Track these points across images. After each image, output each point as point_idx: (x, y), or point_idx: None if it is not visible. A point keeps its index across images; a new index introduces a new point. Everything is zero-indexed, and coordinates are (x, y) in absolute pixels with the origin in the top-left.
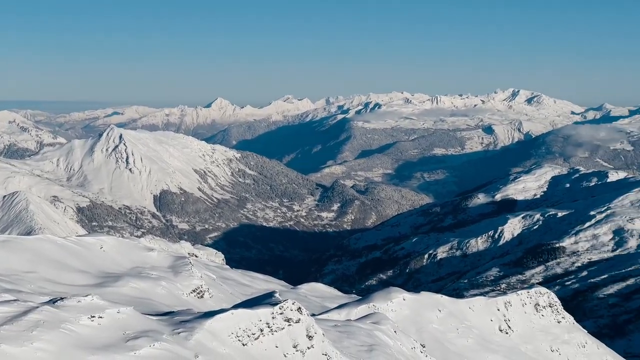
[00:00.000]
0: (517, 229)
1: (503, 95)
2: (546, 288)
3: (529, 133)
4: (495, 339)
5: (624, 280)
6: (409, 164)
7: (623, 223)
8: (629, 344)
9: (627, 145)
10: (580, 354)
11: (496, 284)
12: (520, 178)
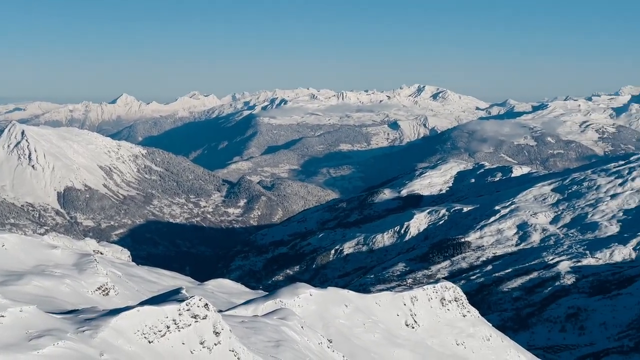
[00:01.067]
0: (423, 224)
1: (409, 91)
2: (452, 282)
3: (435, 128)
4: (401, 333)
5: (528, 274)
6: (315, 160)
7: (527, 218)
8: (532, 337)
9: (530, 140)
10: (484, 347)
11: (402, 279)
12: (426, 173)
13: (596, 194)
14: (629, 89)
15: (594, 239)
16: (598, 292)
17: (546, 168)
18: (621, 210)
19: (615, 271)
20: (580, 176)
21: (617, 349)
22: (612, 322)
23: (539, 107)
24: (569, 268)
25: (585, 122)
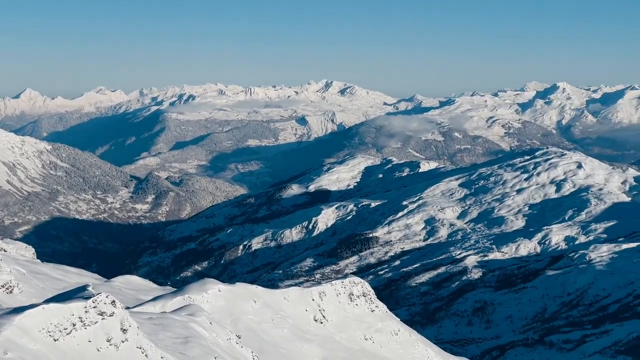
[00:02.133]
0: (331, 220)
1: (316, 87)
2: (360, 278)
3: (342, 124)
4: (310, 328)
5: (435, 268)
6: (223, 156)
7: (434, 213)
8: (440, 331)
9: (437, 135)
10: (392, 341)
11: (311, 274)
12: (334, 169)
13: (502, 189)
14: (534, 84)
15: (501, 234)
16: (504, 286)
17: (453, 163)
18: (527, 204)
19: (521, 265)
20: (487, 171)
21: (522, 341)
22: (518, 315)
23: (446, 102)
24: (476, 262)
25: (491, 118)
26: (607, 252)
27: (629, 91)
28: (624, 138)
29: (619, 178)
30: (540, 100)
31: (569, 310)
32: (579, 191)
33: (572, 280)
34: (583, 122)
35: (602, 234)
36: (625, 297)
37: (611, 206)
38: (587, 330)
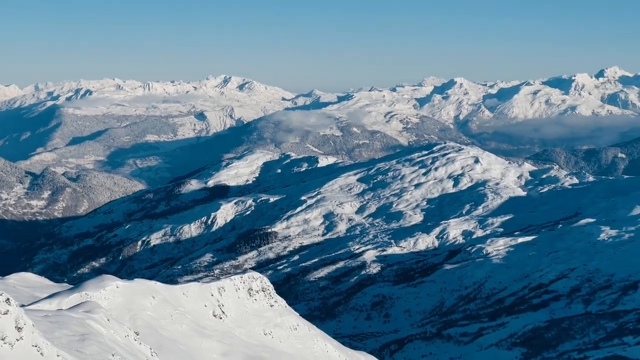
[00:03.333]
0: (230, 215)
1: (215, 82)
2: (259, 273)
3: (241, 119)
4: (209, 324)
5: (334, 263)
6: (121, 151)
7: (333, 207)
8: (339, 325)
9: (336, 130)
10: (292, 336)
11: (210, 269)
12: (233, 164)
13: (401, 184)
14: (431, 79)
15: (399, 228)
16: (402, 280)
17: (352, 158)
18: (425, 199)
19: (419, 259)
20: (385, 166)
21: (420, 335)
22: (416, 309)
23: (344, 97)
24: (375, 257)
25: (390, 113)
26: (504, 245)
27: (524, 87)
28: (520, 133)
29: (515, 172)
30: (438, 96)
31: (467, 303)
32: (476, 186)
33: (469, 274)
34: (480, 117)
35: (499, 228)
36: (521, 290)
37: (507, 200)
38: (484, 323)
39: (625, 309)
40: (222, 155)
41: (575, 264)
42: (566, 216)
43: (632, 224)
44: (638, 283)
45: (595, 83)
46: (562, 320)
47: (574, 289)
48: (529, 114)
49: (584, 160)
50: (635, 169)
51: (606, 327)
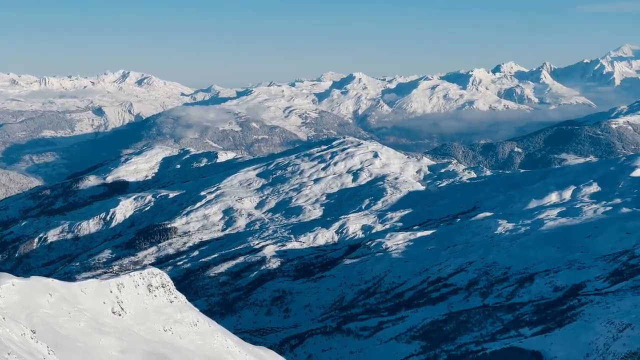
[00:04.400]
0: (129, 211)
1: (113, 77)
2: (159, 269)
3: (140, 115)
4: (107, 321)
5: (234, 258)
6: (17, 147)
7: (232, 203)
8: (239, 321)
9: (235, 126)
10: (192, 332)
11: (109, 266)
12: (132, 160)
13: (300, 179)
14: (330, 75)
15: (299, 223)
16: (302, 275)
17: (251, 153)
18: (324, 194)
19: (319, 254)
20: (285, 161)
21: (320, 329)
22: (316, 304)
23: (243, 92)
24: (274, 252)
25: (289, 108)
26: (403, 240)
27: (423, 81)
28: (418, 127)
29: (413, 167)
30: (337, 90)
31: (366, 298)
32: (375, 180)
33: (369, 268)
34: (379, 112)
35: (398, 223)
36: (420, 284)
37: (406, 195)
38: (384, 317)
39: (522, 301)
40: (121, 151)
41: (473, 257)
42: (464, 210)
43: (528, 217)
44: (534, 275)
45: (492, 78)
46: (460, 313)
47: (472, 282)
48: (428, 108)
49: (482, 154)
50: (531, 163)
51: (503, 319)
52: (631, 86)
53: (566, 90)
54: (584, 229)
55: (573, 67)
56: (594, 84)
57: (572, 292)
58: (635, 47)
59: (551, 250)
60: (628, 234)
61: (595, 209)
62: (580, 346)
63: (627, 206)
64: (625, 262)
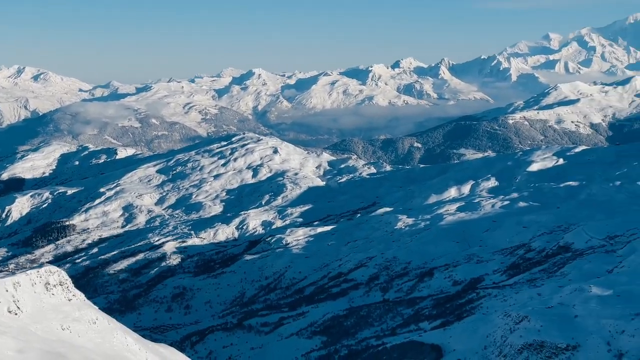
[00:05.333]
0: (25, 208)
1: (8, 72)
2: (57, 266)
3: (36, 110)
4: (3, 320)
5: (134, 255)
6: None
7: (132, 199)
8: (139, 318)
9: (135, 122)
10: (91, 330)
11: (4, 264)
12: (28, 156)
13: (200, 175)
14: (230, 70)
15: (199, 219)
16: (203, 272)
17: (151, 150)
18: (224, 190)
19: (220, 250)
20: (185, 157)
21: (221, 326)
22: (217, 300)
23: (142, 89)
24: (175, 248)
25: (188, 104)
26: (303, 235)
27: (322, 77)
28: (318, 123)
29: (313, 162)
30: (237, 86)
31: (267, 293)
32: (275, 176)
33: (269, 264)
34: (278, 108)
35: (298, 218)
36: (321, 279)
37: (306, 190)
38: (285, 312)
39: (422, 295)
40: (17, 148)
41: (374, 252)
42: (364, 205)
43: (427, 212)
44: (433, 270)
45: (392, 74)
46: (361, 308)
47: (372, 277)
48: (327, 104)
49: (382, 149)
50: (430, 158)
51: (403, 314)
52: (527, 82)
53: (464, 86)
54: (482, 224)
55: (471, 63)
56: (491, 80)
57: (471, 286)
58: (530, 44)
59: (450, 244)
60: (525, 227)
61: (493, 204)
62: (478, 339)
63: (523, 200)
64: (522, 256)
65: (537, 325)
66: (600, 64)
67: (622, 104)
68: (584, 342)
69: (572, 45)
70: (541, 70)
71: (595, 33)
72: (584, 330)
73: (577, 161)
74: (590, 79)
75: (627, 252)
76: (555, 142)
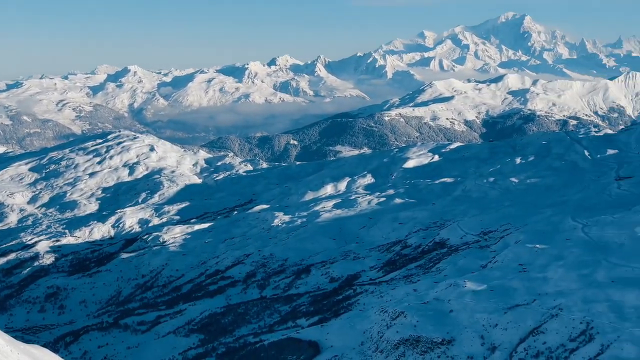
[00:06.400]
0: None
1: None
2: None
3: None
4: None
5: (5, 255)
6: None
7: (3, 198)
8: (11, 319)
9: (5, 119)
10: None
11: None
12: None
13: (75, 173)
14: (105, 67)
15: (74, 218)
16: (78, 271)
17: (23, 147)
18: (100, 188)
19: (95, 249)
20: (58, 155)
21: (97, 325)
22: (92, 300)
23: (13, 85)
24: (49, 248)
25: (62, 101)
26: (180, 233)
27: (199, 75)
28: (195, 121)
29: (190, 160)
30: (112, 84)
31: (144, 292)
32: (152, 174)
33: (146, 262)
34: (155, 106)
35: (175, 216)
36: (198, 277)
37: (184, 188)
38: (162, 311)
39: (299, 292)
40: None
41: (251, 249)
42: (241, 203)
43: (304, 209)
44: (310, 267)
45: (268, 71)
46: (239, 305)
47: (250, 275)
48: (204, 102)
49: (258, 147)
50: (307, 155)
51: (281, 311)
52: (402, 79)
53: (340, 83)
54: (358, 220)
55: (347, 60)
56: (367, 77)
57: (348, 283)
58: (406, 42)
59: (327, 241)
60: (401, 224)
61: (369, 200)
62: (355, 335)
63: (399, 197)
64: (398, 252)
65: (413, 321)
66: (474, 62)
67: (495, 102)
68: (459, 336)
69: (446, 43)
70: (416, 68)
71: (468, 31)
72: (458, 324)
73: (452, 158)
74: (464, 76)
75: (500, 247)
76: (430, 138)
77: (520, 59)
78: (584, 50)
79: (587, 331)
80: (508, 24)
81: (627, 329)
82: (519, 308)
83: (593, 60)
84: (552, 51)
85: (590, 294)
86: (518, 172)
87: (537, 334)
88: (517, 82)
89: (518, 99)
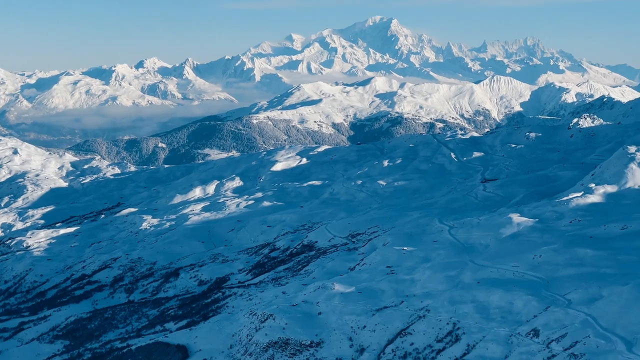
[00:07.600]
0: None
1: None
2: None
3: None
4: None
5: None
6: None
7: None
8: None
9: None
10: None
11: None
12: None
13: None
14: None
15: None
16: None
17: None
18: None
19: None
20: None
21: None
22: None
23: None
24: None
25: None
26: (45, 237)
27: (64, 77)
28: (60, 123)
29: (55, 163)
30: None
31: (7, 298)
32: (15, 177)
33: (9, 267)
34: (18, 108)
35: (40, 220)
36: (64, 282)
37: (49, 192)
38: (25, 317)
39: (167, 296)
40: None
41: (118, 253)
42: (109, 206)
43: (172, 212)
44: (179, 270)
45: (136, 74)
46: (105, 310)
47: (117, 279)
48: (70, 104)
49: (126, 150)
50: (175, 158)
51: (149, 315)
52: (270, 82)
53: (209, 86)
54: (227, 223)
55: (215, 63)
56: (235, 80)
57: (217, 286)
58: (274, 45)
59: (196, 244)
60: (269, 227)
61: (238, 203)
62: (224, 338)
63: (268, 200)
64: (266, 255)
65: (282, 323)
66: (342, 65)
67: (363, 104)
68: (328, 338)
69: (314, 46)
70: (284, 71)
71: (336, 34)
72: (327, 326)
73: (320, 161)
74: (332, 79)
75: (368, 250)
76: (298, 141)
77: (388, 62)
78: (450, 54)
79: (454, 332)
80: (375, 28)
81: (492, 328)
82: (387, 310)
83: (459, 64)
84: (419, 55)
85: (456, 295)
86: (386, 174)
87: (404, 335)
88: (385, 85)
89: (386, 102)
